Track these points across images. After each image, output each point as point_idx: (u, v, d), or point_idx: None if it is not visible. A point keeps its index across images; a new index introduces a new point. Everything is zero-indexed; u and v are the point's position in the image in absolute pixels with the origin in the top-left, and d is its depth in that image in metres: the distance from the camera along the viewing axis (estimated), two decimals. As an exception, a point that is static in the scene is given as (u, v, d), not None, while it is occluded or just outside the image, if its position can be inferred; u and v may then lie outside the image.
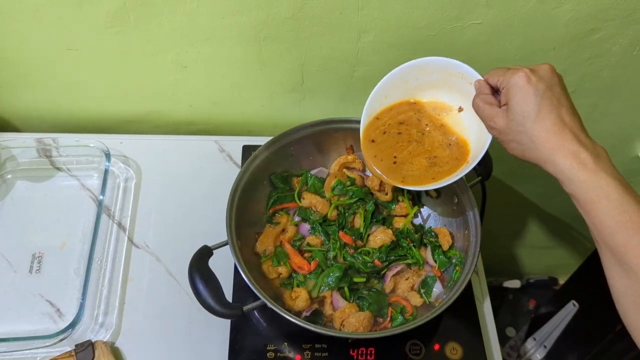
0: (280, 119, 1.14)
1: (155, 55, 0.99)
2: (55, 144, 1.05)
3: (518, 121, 0.65)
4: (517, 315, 1.67)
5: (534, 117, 0.64)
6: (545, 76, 0.66)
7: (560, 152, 0.62)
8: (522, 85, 0.65)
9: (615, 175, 0.61)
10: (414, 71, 0.83)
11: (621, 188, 0.60)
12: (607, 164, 0.62)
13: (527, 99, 0.64)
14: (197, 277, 0.74)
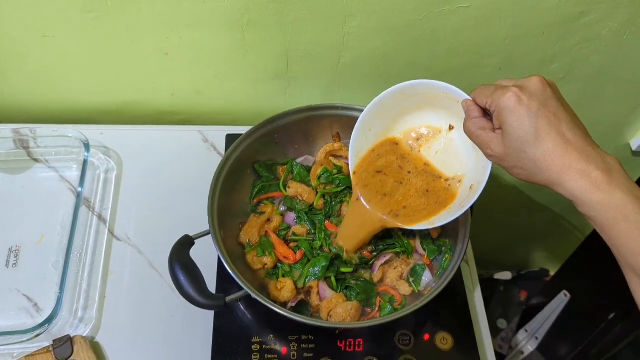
0: (266, 108, 1.12)
1: (135, 42, 0.96)
2: (32, 135, 1.01)
3: (517, 147, 0.60)
4: (509, 307, 1.66)
5: (533, 141, 0.58)
6: (536, 91, 0.60)
7: (568, 174, 0.56)
8: (513, 107, 0.59)
9: (631, 190, 0.55)
10: (395, 97, 0.80)
11: (638, 203, 0.54)
12: (621, 178, 0.56)
13: (521, 122, 0.59)
14: (178, 267, 0.71)
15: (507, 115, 0.60)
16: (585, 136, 0.59)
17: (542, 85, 0.60)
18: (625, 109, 1.17)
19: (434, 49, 1.00)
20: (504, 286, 1.71)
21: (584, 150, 0.57)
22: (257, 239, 0.87)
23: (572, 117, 0.60)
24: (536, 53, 1.03)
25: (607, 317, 1.23)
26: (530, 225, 1.59)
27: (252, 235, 0.87)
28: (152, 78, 1.05)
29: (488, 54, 1.03)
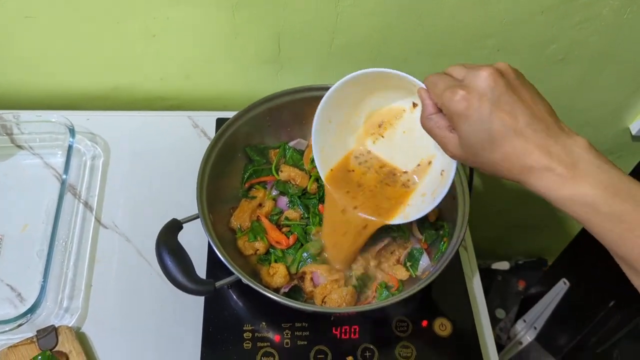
0: (257, 92, 1.07)
1: (121, 22, 0.93)
2: (15, 120, 0.98)
3: (473, 152, 0.56)
4: (507, 297, 1.64)
5: (489, 147, 0.54)
6: (486, 90, 0.53)
7: (531, 174, 0.53)
8: (462, 113, 0.54)
9: (599, 181, 0.51)
10: (350, 86, 0.75)
11: (608, 194, 0.50)
12: (588, 169, 0.51)
13: (474, 129, 0.54)
14: (165, 252, 0.68)
15: (458, 121, 0.56)
16: (547, 128, 0.53)
17: (493, 81, 0.53)
18: (625, 91, 1.15)
19: (430, 29, 0.97)
20: (501, 276, 1.69)
21: (545, 145, 0.52)
22: (248, 224, 0.85)
23: (531, 108, 0.54)
24: (535, 34, 1.00)
25: (608, 304, 1.20)
26: (526, 214, 1.57)
27: (243, 220, 0.85)
28: (140, 61, 1.02)
29: (486, 35, 1.00)
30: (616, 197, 0.50)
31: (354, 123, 0.83)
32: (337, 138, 0.83)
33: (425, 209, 0.75)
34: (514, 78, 0.56)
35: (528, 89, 0.56)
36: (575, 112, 1.20)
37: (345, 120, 0.81)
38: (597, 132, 1.26)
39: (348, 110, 0.80)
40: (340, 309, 0.76)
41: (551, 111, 0.56)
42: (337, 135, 0.82)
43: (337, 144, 0.83)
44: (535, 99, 0.55)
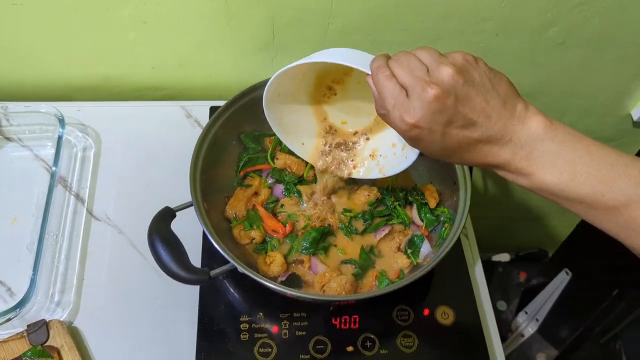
0: (252, 80, 1.03)
1: (110, 9, 0.91)
2: (4, 112, 0.95)
3: (433, 158, 0.59)
4: (508, 289, 1.62)
5: (446, 158, 0.57)
6: (435, 113, 0.53)
7: (494, 168, 0.57)
8: (416, 141, 0.56)
9: (556, 166, 0.53)
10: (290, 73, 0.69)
11: (566, 180, 0.52)
12: (544, 156, 0.53)
13: (430, 149, 0.56)
14: (158, 240, 0.66)
15: (412, 143, 0.58)
16: (503, 123, 0.54)
17: (442, 100, 0.52)
18: (626, 76, 1.13)
19: (428, 12, 0.95)
20: (502, 268, 1.67)
21: (503, 144, 0.54)
22: (244, 212, 0.82)
23: (483, 106, 0.54)
24: (534, 17, 0.98)
25: (611, 294, 1.19)
26: (526, 205, 1.55)
27: (238, 208, 0.82)
28: (131, 49, 0.99)
29: (484, 18, 0.97)
30: (573, 180, 0.52)
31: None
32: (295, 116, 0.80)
33: (399, 167, 0.73)
34: (471, 71, 0.54)
35: (485, 75, 0.55)
36: (576, 98, 1.18)
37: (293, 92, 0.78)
38: (598, 119, 1.24)
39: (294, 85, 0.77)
40: (339, 297, 0.74)
41: (509, 91, 0.55)
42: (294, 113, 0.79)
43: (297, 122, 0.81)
44: (494, 82, 0.55)
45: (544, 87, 1.15)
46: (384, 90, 0.56)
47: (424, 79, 0.53)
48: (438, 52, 0.56)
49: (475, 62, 0.55)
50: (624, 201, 0.51)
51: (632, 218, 0.51)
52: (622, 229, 0.53)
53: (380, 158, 0.77)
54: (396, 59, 0.57)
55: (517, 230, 1.72)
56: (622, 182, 0.51)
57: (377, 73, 0.57)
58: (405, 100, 0.54)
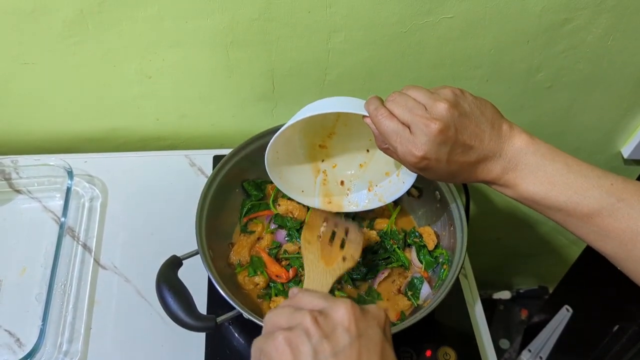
0: (254, 129, 1.08)
1: (117, 66, 0.95)
2: (14, 165, 0.99)
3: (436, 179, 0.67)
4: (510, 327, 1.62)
5: (450, 179, 0.64)
6: (440, 145, 0.59)
7: (488, 183, 0.64)
8: (423, 172, 0.63)
9: (537, 178, 0.59)
10: (287, 131, 0.75)
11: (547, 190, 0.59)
12: (527, 171, 0.60)
13: (435, 176, 0.64)
14: (165, 289, 0.68)
15: (422, 174, 0.64)
16: (494, 144, 0.61)
17: (444, 132, 0.58)
18: (614, 115, 1.17)
19: (420, 61, 1.00)
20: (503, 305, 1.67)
21: (494, 163, 0.61)
22: (247, 258, 0.85)
23: (477, 132, 0.61)
24: (522, 62, 1.03)
25: (612, 329, 1.19)
26: (524, 241, 1.57)
27: (242, 255, 0.85)
28: (136, 103, 1.03)
29: (474, 65, 1.02)
30: (552, 191, 0.58)
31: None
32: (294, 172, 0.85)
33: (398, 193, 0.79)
34: (462, 103, 0.61)
35: (473, 104, 0.62)
36: (567, 137, 1.22)
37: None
38: (589, 157, 1.27)
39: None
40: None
41: (494, 114, 0.63)
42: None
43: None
44: (481, 109, 0.62)
45: (535, 128, 1.18)
46: (386, 129, 0.61)
47: (425, 116, 0.59)
48: (427, 90, 0.63)
49: (462, 93, 0.62)
50: (596, 209, 0.56)
51: (603, 225, 0.56)
52: (594, 235, 0.58)
53: (377, 188, 0.81)
54: (392, 100, 0.63)
55: (517, 266, 1.73)
56: (595, 192, 0.57)
57: (376, 114, 0.63)
58: (410, 137, 0.60)
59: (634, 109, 1.15)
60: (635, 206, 0.55)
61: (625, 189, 0.57)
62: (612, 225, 0.56)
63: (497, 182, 0.62)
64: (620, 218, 0.55)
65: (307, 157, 0.87)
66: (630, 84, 1.09)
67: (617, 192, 0.56)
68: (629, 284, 1.19)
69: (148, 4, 0.85)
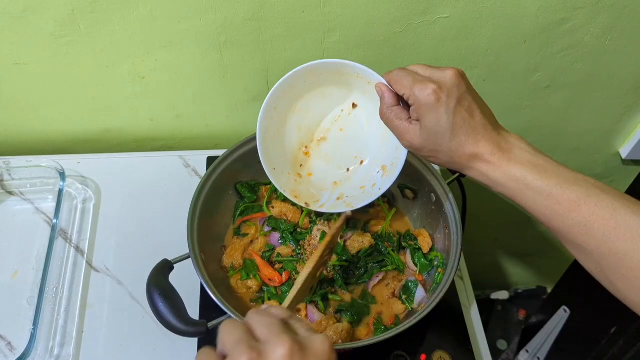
0: (248, 130, 1.09)
1: (110, 66, 0.94)
2: (6, 167, 0.98)
3: (433, 140, 0.64)
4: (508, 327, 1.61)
5: (449, 136, 0.63)
6: (453, 87, 0.63)
7: (476, 160, 0.63)
8: (432, 105, 0.62)
9: (531, 162, 0.61)
10: (302, 75, 0.76)
11: (537, 173, 0.60)
12: (522, 153, 0.62)
13: (440, 119, 0.63)
14: (156, 294, 0.67)
15: (426, 111, 0.63)
16: (492, 123, 0.64)
17: (458, 80, 0.63)
18: (612, 116, 1.16)
19: (416, 61, 0.97)
20: (501, 306, 1.67)
21: (490, 137, 0.62)
22: (240, 262, 0.84)
23: (481, 106, 0.64)
24: (519, 62, 1.02)
25: (609, 331, 1.19)
26: (522, 242, 1.56)
27: (235, 258, 0.84)
28: (130, 103, 1.02)
29: (471, 65, 1.01)
30: (543, 174, 0.59)
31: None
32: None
33: (369, 199, 0.76)
34: (469, 83, 0.65)
35: (477, 94, 0.66)
36: (565, 137, 1.21)
37: (285, 110, 0.80)
38: (588, 157, 1.27)
39: (290, 100, 0.79)
40: (336, 346, 0.74)
41: (492, 113, 0.66)
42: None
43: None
44: (483, 102, 0.65)
45: (533, 128, 1.18)
46: (405, 77, 0.65)
47: (443, 67, 0.65)
48: None
49: None
50: (584, 196, 0.57)
51: (589, 214, 0.57)
52: (578, 228, 0.57)
53: (347, 198, 0.79)
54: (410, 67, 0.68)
55: (515, 267, 1.73)
56: (582, 183, 0.58)
57: (392, 70, 0.69)
58: (426, 78, 0.64)
59: (633, 109, 1.14)
60: (618, 199, 0.57)
61: (608, 186, 0.59)
62: (597, 215, 0.56)
63: (488, 158, 0.62)
64: (605, 208, 0.56)
65: (291, 155, 0.82)
66: (628, 84, 1.08)
67: (601, 186, 0.58)
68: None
69: (140, 3, 0.85)
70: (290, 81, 0.76)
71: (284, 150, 0.81)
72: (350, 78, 0.74)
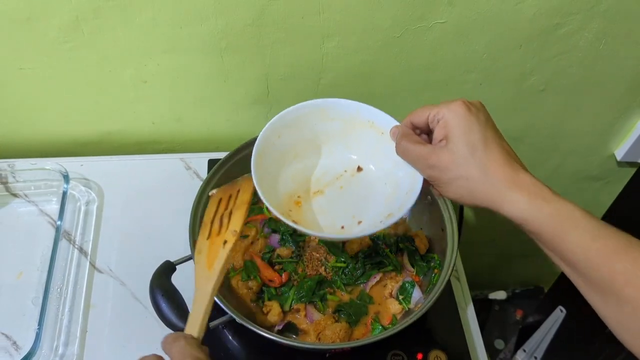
0: (248, 133, 1.10)
1: (113, 71, 0.96)
2: (10, 169, 1.00)
3: (465, 153, 0.57)
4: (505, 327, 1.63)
5: (482, 147, 0.57)
6: (481, 108, 0.61)
7: (516, 186, 0.55)
8: (463, 114, 0.58)
9: (574, 202, 0.54)
10: (313, 113, 0.72)
11: (585, 213, 0.53)
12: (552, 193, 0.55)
13: (472, 128, 0.58)
14: (159, 294, 0.69)
15: (456, 121, 0.59)
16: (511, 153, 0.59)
17: (484, 107, 0.61)
18: (607, 118, 1.18)
19: (413, 65, 1.00)
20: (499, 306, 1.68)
21: (523, 166, 0.58)
22: (241, 263, 0.85)
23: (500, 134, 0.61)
24: (515, 67, 1.04)
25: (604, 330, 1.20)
26: (519, 242, 1.58)
27: (236, 259, 0.86)
28: (132, 107, 1.04)
29: (467, 69, 1.03)
30: (590, 215, 0.53)
31: None
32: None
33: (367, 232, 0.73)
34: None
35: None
36: (561, 140, 1.23)
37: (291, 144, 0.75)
38: (583, 159, 1.28)
39: (296, 142, 0.75)
40: (334, 345, 0.76)
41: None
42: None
43: None
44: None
45: (529, 131, 1.19)
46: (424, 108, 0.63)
47: None
48: None
49: None
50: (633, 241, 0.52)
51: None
52: (624, 274, 0.51)
53: None
54: None
55: (513, 267, 1.74)
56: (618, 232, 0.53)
57: None
58: None
59: (627, 111, 1.16)
60: None
61: None
62: None
63: (532, 188, 0.55)
64: None
65: (282, 198, 0.75)
66: (622, 87, 1.10)
67: None
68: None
69: (143, 10, 0.86)
70: (300, 113, 0.72)
71: (275, 189, 0.74)
72: (363, 129, 0.72)
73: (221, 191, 0.75)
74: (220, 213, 0.71)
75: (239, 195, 0.72)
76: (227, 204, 0.72)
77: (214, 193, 0.76)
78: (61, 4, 0.84)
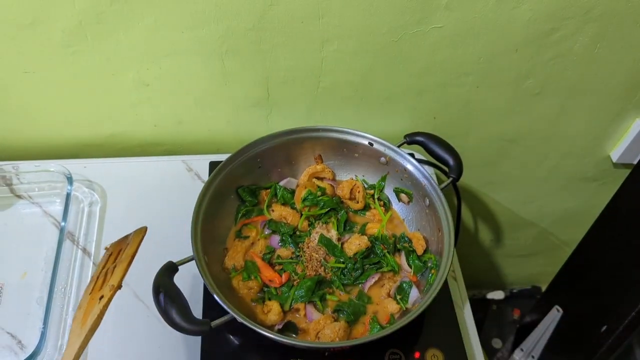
0: (248, 135, 1.11)
1: (116, 74, 0.97)
2: (15, 171, 1.01)
3: None
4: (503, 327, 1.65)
5: None
6: None
7: None
8: None
9: None
10: None
11: None
12: None
13: None
14: (162, 294, 0.70)
15: None
16: None
17: None
18: (603, 120, 1.19)
19: (411, 69, 1.02)
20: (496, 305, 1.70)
21: None
22: (242, 263, 0.87)
23: None
24: (511, 70, 1.05)
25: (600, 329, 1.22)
26: (517, 243, 1.60)
27: (237, 260, 0.87)
28: (134, 109, 1.05)
29: (464, 73, 1.04)
30: None
31: None
32: None
33: None
34: None
35: None
36: (557, 142, 1.24)
37: None
38: (579, 160, 1.30)
39: None
40: (333, 344, 0.78)
41: None
42: None
43: None
44: None
45: (525, 133, 1.21)
46: None
47: None
48: None
49: None
50: None
51: None
52: None
53: None
54: None
55: (510, 267, 1.76)
56: None
57: None
58: None
59: (622, 114, 1.18)
60: None
61: None
62: None
63: None
64: None
65: None
66: (617, 90, 1.11)
67: None
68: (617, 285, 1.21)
69: (145, 15, 0.88)
70: None
71: None
72: None
73: (113, 245, 0.81)
74: (107, 267, 0.76)
75: (126, 249, 0.77)
76: (116, 257, 0.77)
77: (107, 248, 0.81)
78: (65, 9, 0.85)
